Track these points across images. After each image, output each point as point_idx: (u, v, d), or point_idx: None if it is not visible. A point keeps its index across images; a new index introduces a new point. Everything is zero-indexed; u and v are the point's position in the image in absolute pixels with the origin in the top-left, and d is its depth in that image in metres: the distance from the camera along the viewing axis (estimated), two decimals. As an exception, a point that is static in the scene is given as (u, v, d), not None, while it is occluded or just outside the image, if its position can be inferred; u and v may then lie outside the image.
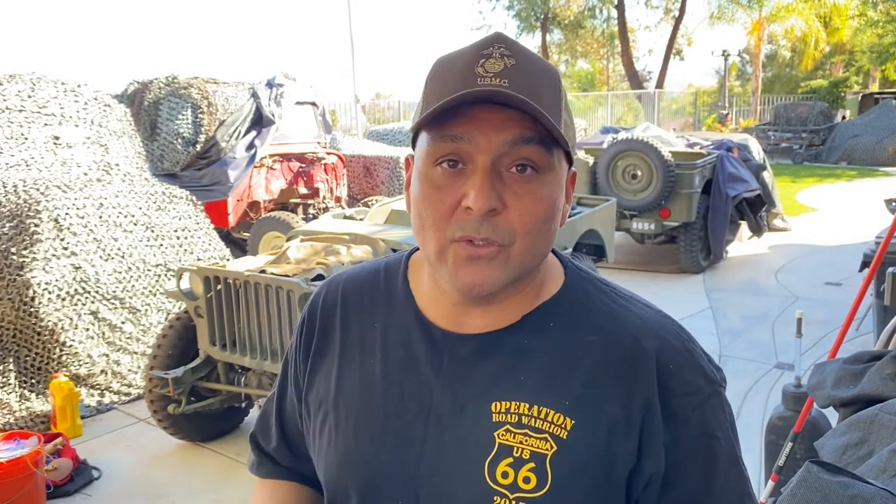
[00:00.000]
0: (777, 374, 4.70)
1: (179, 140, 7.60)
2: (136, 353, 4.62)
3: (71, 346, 4.30)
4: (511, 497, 0.72)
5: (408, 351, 0.81)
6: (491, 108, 0.69)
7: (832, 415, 2.11)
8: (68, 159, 5.26)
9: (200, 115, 7.61)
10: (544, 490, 0.72)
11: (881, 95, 20.55)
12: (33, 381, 4.28)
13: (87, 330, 4.41)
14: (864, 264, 4.32)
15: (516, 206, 0.71)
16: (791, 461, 2.50)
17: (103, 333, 4.50)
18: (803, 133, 19.06)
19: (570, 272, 0.83)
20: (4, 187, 4.66)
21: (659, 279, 7.37)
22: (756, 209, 8.23)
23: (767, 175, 8.95)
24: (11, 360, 4.26)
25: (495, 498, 0.73)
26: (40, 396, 4.21)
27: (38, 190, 4.55)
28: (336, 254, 3.68)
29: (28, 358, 4.28)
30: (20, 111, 5.13)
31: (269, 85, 8.13)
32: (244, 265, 3.66)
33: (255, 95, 7.96)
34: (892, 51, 25.04)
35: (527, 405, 0.74)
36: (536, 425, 0.74)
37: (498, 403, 0.75)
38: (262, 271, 3.43)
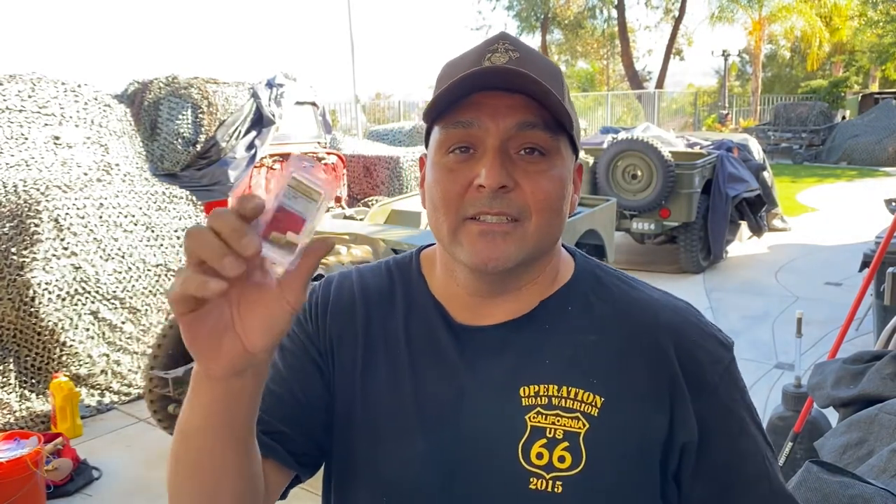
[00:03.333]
0: (777, 374, 4.70)
1: (179, 140, 7.60)
2: (136, 353, 4.62)
3: (71, 346, 4.30)
4: (547, 477, 0.74)
5: (433, 343, 0.82)
6: (498, 95, 0.72)
7: (832, 415, 2.11)
8: (68, 159, 5.26)
9: (200, 115, 7.61)
10: (580, 467, 0.74)
11: (881, 95, 20.53)
12: (33, 381, 4.28)
13: (87, 330, 4.41)
14: (864, 264, 4.32)
15: (527, 183, 0.74)
16: (791, 461, 2.50)
17: (103, 333, 4.50)
18: (803, 133, 19.06)
19: (579, 259, 0.87)
20: (4, 187, 4.65)
21: (659, 279, 7.37)
22: (756, 209, 8.23)
23: (767, 175, 8.94)
24: (11, 360, 4.26)
25: (531, 479, 0.74)
26: (40, 396, 4.21)
27: (38, 190, 4.55)
28: (336, 254, 3.68)
29: (28, 358, 4.28)
30: (20, 111, 5.13)
31: (269, 85, 8.13)
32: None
33: (255, 95, 7.96)
34: (892, 51, 25.04)
35: (555, 387, 0.77)
36: (567, 405, 0.76)
37: (526, 388, 0.77)
38: (262, 271, 3.42)
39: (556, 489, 0.74)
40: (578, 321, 0.80)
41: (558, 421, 0.75)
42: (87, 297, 4.42)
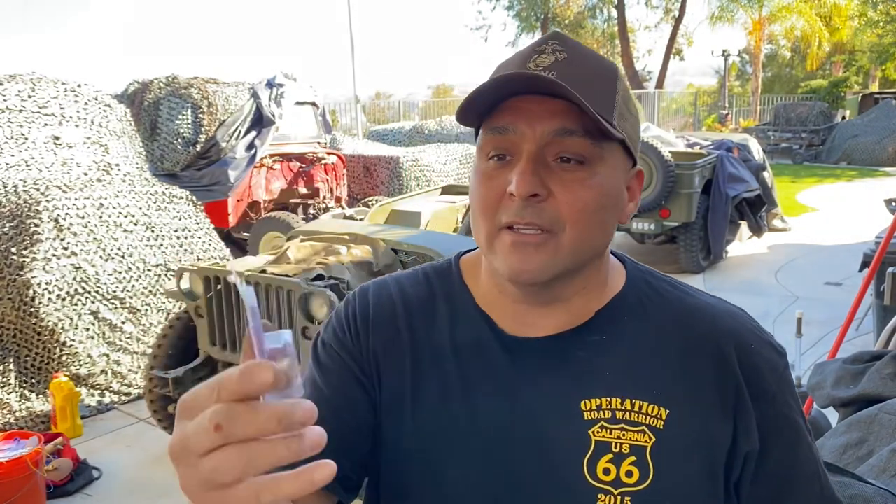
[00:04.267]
0: (777, 374, 4.70)
1: (179, 140, 7.60)
2: (136, 353, 4.62)
3: (71, 346, 4.29)
4: (616, 493, 0.72)
5: (483, 356, 0.78)
6: (536, 100, 0.70)
7: (832, 415, 2.11)
8: (68, 159, 5.26)
9: (200, 115, 7.61)
10: (648, 482, 0.73)
11: (881, 95, 20.53)
12: (33, 381, 4.28)
13: (88, 330, 4.41)
14: (864, 264, 4.32)
15: (562, 193, 0.71)
16: (791, 461, 2.49)
17: (103, 333, 4.50)
18: (803, 133, 19.06)
19: (629, 266, 0.85)
20: (4, 187, 4.65)
21: (659, 279, 7.36)
22: (756, 209, 8.23)
23: (767, 175, 8.95)
24: (11, 360, 4.26)
25: (599, 496, 0.72)
26: (40, 396, 4.21)
27: (38, 190, 4.55)
28: (336, 254, 3.68)
29: (28, 358, 4.28)
30: (20, 111, 5.13)
31: (269, 85, 8.13)
32: (244, 265, 3.66)
33: (255, 95, 7.96)
34: (892, 51, 25.04)
35: (618, 400, 0.74)
36: (632, 419, 0.74)
37: (587, 401, 0.74)
38: (263, 271, 3.42)
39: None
40: (636, 330, 0.78)
41: (624, 435, 0.73)
42: (87, 297, 4.42)
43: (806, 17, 23.98)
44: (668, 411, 0.74)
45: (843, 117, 20.65)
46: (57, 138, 5.26)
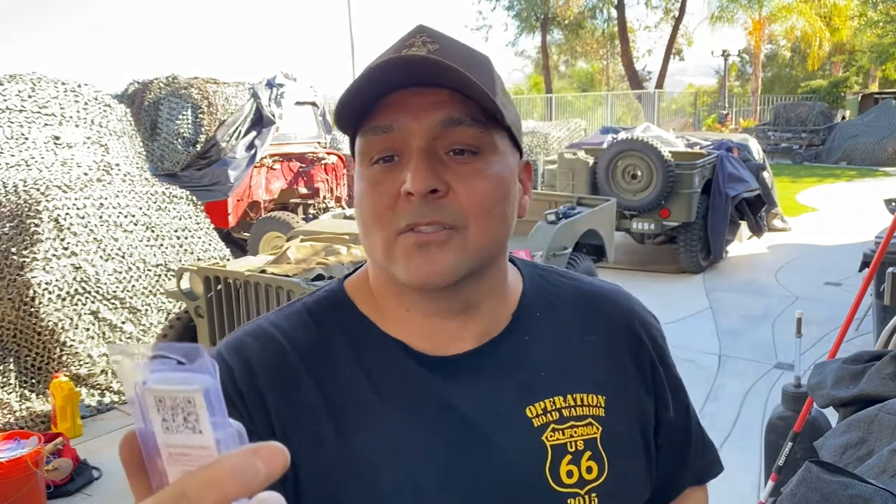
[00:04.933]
0: (777, 374, 4.70)
1: (179, 140, 7.61)
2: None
3: (71, 345, 4.30)
4: (583, 493, 0.71)
5: (409, 385, 0.70)
6: (416, 93, 0.65)
7: (832, 415, 2.11)
8: (68, 159, 5.26)
9: (200, 115, 7.61)
10: (606, 472, 0.72)
11: (881, 95, 20.55)
12: (33, 381, 4.28)
13: (88, 330, 4.41)
14: (864, 264, 4.32)
15: (461, 186, 0.66)
16: (791, 461, 2.50)
17: (103, 333, 4.50)
18: (803, 133, 19.07)
19: (518, 262, 0.82)
20: (4, 187, 4.66)
21: (659, 279, 7.37)
22: (756, 209, 8.23)
23: (767, 175, 8.95)
24: (11, 360, 4.26)
25: (569, 500, 0.71)
26: (40, 396, 4.21)
27: (38, 190, 4.55)
28: (336, 254, 3.68)
29: (28, 358, 4.28)
30: (20, 111, 5.13)
31: (269, 85, 8.13)
32: (244, 265, 3.66)
33: (255, 95, 7.96)
34: (892, 51, 25.04)
35: (560, 398, 0.73)
36: (578, 413, 0.73)
37: (532, 407, 0.72)
38: (263, 271, 3.43)
39: (593, 502, 0.71)
40: (552, 325, 0.77)
41: (575, 432, 0.72)
42: (87, 297, 4.42)
43: (806, 17, 23.99)
44: (604, 397, 0.75)
45: (843, 117, 20.66)
46: (57, 138, 5.26)
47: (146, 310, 4.76)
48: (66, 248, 4.39)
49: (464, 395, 0.70)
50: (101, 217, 4.65)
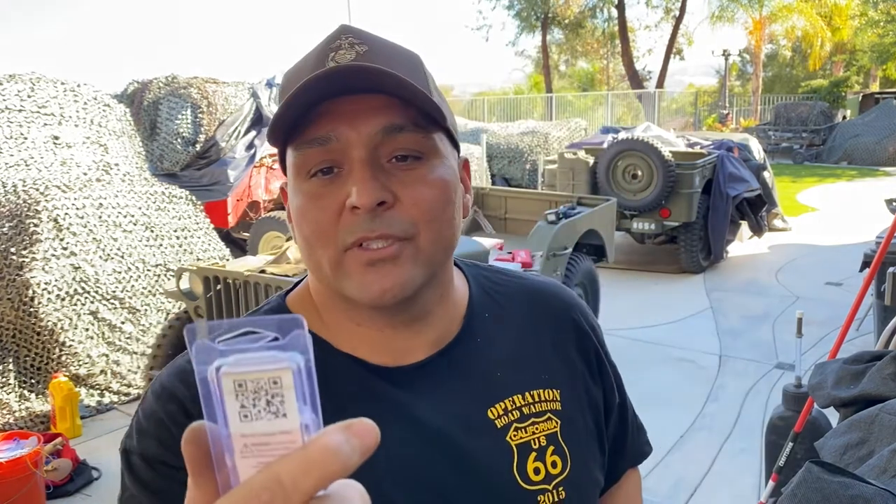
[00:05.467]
0: (777, 374, 4.70)
1: (179, 140, 7.60)
2: (135, 353, 4.61)
3: (70, 346, 4.29)
4: (550, 487, 0.72)
5: (369, 399, 0.68)
6: (353, 99, 0.62)
7: (832, 415, 2.11)
8: (68, 159, 5.26)
9: (200, 115, 7.61)
10: (569, 464, 0.74)
11: (882, 95, 20.55)
12: (33, 381, 4.27)
13: (87, 330, 4.41)
14: (865, 264, 4.32)
15: (408, 195, 0.64)
16: (791, 461, 2.49)
17: (103, 333, 4.50)
18: (804, 133, 19.06)
19: (461, 263, 0.82)
20: (4, 187, 4.65)
21: (659, 279, 7.36)
22: (756, 209, 8.23)
23: (768, 175, 8.95)
24: (11, 360, 4.26)
25: (539, 497, 0.71)
26: (40, 396, 4.20)
27: (37, 190, 4.55)
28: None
29: (28, 358, 4.27)
30: (20, 111, 5.13)
31: (269, 85, 8.14)
32: (244, 265, 3.66)
33: (254, 95, 7.96)
34: (892, 50, 25.05)
35: (519, 396, 0.74)
36: (537, 409, 0.74)
37: (493, 409, 0.72)
38: (262, 271, 3.42)
39: (561, 495, 0.72)
40: (501, 325, 0.77)
41: (537, 429, 0.73)
42: (86, 297, 4.42)
43: (807, 17, 23.99)
44: (559, 391, 0.76)
45: (844, 117, 20.66)
46: (56, 138, 5.26)
47: (145, 310, 4.76)
48: (65, 248, 4.38)
49: (426, 405, 0.69)
50: (100, 217, 4.65)
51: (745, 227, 8.51)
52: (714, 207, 7.41)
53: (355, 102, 0.62)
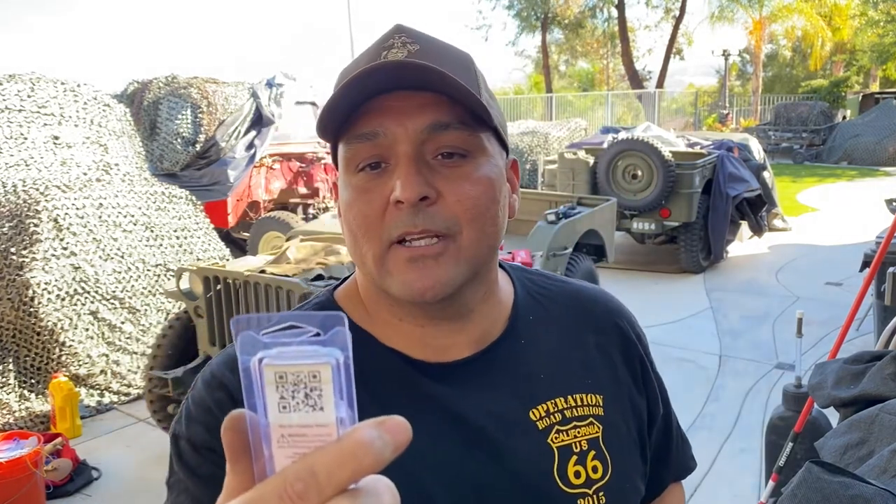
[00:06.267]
0: (777, 374, 4.70)
1: (179, 140, 7.60)
2: (135, 353, 4.61)
3: (70, 346, 4.29)
4: (591, 492, 0.71)
5: (411, 395, 0.69)
6: (402, 96, 0.63)
7: (833, 415, 2.11)
8: (68, 159, 5.26)
9: (200, 115, 7.61)
10: (610, 470, 0.73)
11: (882, 95, 20.55)
12: (33, 381, 4.27)
13: (87, 330, 4.41)
14: (865, 264, 4.32)
15: (452, 191, 0.64)
16: (791, 461, 2.49)
17: (103, 333, 4.50)
18: (804, 133, 19.07)
19: (506, 266, 0.82)
20: (4, 187, 4.65)
21: (659, 279, 7.36)
22: (756, 209, 8.23)
23: (768, 175, 8.95)
24: (11, 360, 4.26)
25: (579, 501, 0.71)
26: (40, 396, 4.20)
27: (37, 190, 4.55)
28: (336, 254, 3.67)
29: (28, 358, 4.27)
30: (20, 111, 5.13)
31: (269, 85, 8.13)
32: (244, 265, 3.66)
33: (255, 95, 7.96)
34: (892, 50, 25.05)
35: (561, 399, 0.73)
36: (579, 413, 0.74)
37: (535, 410, 0.72)
38: (262, 271, 3.42)
39: (601, 501, 0.71)
40: (545, 327, 0.77)
41: (579, 432, 0.73)
42: (86, 297, 4.42)
43: (807, 17, 24.00)
44: (602, 396, 0.76)
45: (844, 117, 20.66)
46: (56, 138, 5.26)
47: (145, 310, 4.76)
48: (65, 248, 4.38)
49: (467, 402, 0.70)
50: (100, 217, 4.65)
51: (745, 227, 8.51)
52: (714, 207, 7.41)
53: (404, 99, 0.63)
